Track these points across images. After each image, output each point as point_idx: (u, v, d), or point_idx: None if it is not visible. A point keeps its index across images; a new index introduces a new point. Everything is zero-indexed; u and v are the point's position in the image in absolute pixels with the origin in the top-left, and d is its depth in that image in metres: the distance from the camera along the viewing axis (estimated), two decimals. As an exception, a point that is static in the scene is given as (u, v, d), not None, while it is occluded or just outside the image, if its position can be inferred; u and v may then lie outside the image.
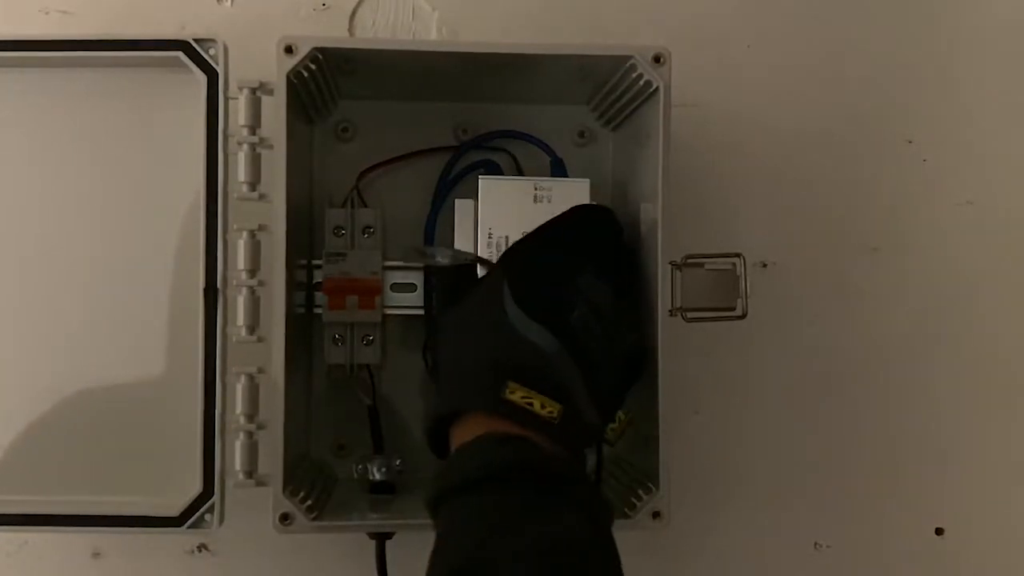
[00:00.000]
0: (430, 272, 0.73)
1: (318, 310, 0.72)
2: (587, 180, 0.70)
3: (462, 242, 0.70)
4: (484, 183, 0.70)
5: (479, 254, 0.69)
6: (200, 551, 0.78)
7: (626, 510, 0.65)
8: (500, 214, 0.69)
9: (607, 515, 0.56)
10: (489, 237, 0.69)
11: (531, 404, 0.56)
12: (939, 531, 0.82)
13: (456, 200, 0.71)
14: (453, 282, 0.70)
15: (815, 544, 0.82)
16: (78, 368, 0.69)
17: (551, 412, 0.56)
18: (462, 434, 0.58)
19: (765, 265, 0.81)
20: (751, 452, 0.81)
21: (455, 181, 0.76)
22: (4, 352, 0.69)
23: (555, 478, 0.55)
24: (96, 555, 0.77)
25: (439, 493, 0.55)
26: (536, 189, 0.69)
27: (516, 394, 0.56)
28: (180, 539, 0.77)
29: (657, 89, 0.64)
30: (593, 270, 0.63)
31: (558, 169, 0.74)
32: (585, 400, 0.59)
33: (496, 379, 0.57)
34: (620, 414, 0.69)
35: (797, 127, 0.82)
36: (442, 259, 0.70)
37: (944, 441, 0.82)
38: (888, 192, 0.83)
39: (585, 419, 0.59)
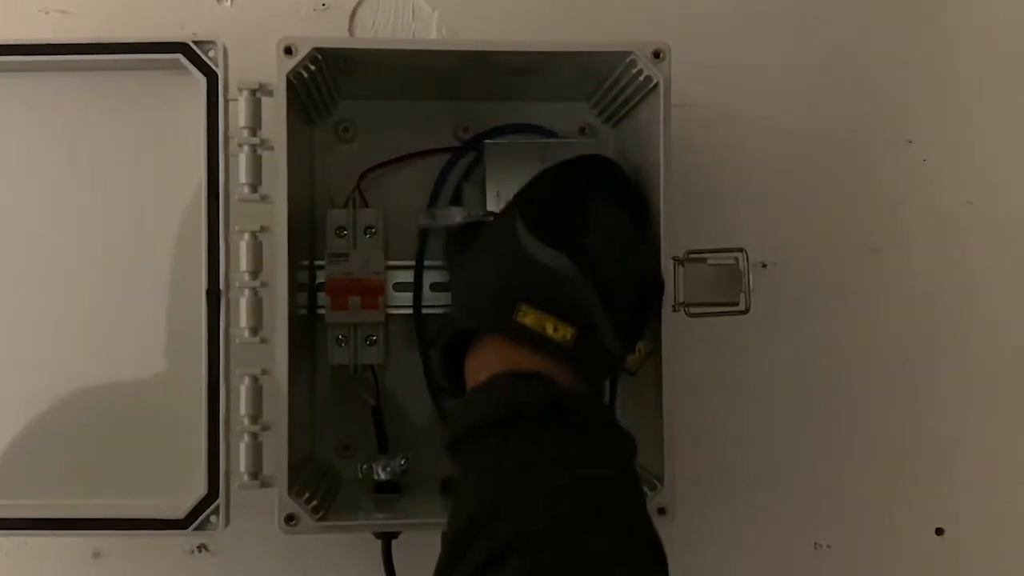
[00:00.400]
0: (426, 235, 0.74)
1: (321, 311, 0.72)
2: (597, 140, 0.72)
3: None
4: (490, 147, 0.71)
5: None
6: (200, 551, 0.78)
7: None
8: (508, 177, 0.69)
9: (627, 450, 0.56)
10: (497, 198, 0.70)
11: (544, 328, 0.56)
12: (939, 531, 0.83)
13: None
14: (466, 235, 0.70)
15: (815, 544, 0.82)
16: (80, 371, 0.68)
17: (564, 335, 0.56)
18: (476, 364, 0.58)
19: (765, 265, 0.81)
20: (751, 451, 0.81)
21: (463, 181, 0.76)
22: (6, 355, 0.69)
23: (572, 416, 0.54)
24: (96, 555, 0.77)
25: (455, 436, 0.56)
26: (543, 151, 0.70)
27: (528, 317, 0.57)
28: (180, 539, 0.77)
29: (657, 84, 0.64)
30: (606, 197, 0.64)
31: None
32: (603, 323, 0.59)
33: (509, 302, 0.57)
34: (640, 345, 0.68)
35: (797, 127, 0.82)
36: (458, 219, 0.71)
37: (944, 441, 0.83)
38: (888, 192, 0.83)
39: (603, 342, 0.58)
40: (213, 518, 0.64)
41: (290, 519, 0.62)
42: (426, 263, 0.74)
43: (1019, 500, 0.83)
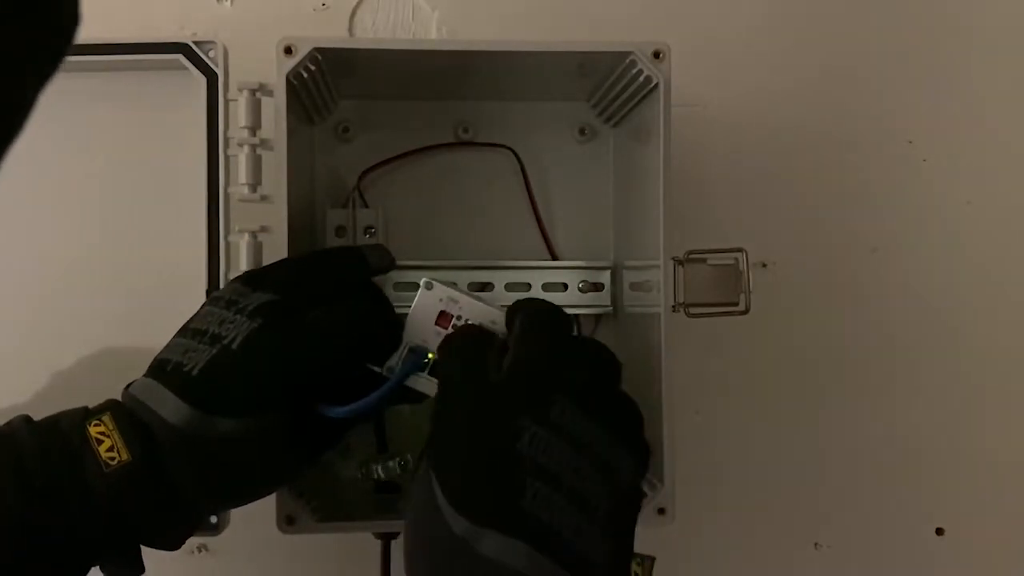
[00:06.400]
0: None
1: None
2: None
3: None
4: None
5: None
6: (200, 551, 0.78)
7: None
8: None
9: None
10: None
11: None
12: (939, 531, 0.83)
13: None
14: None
15: (815, 544, 0.82)
16: (79, 371, 0.69)
17: None
18: None
19: (765, 265, 0.81)
20: (751, 451, 0.81)
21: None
22: (3, 355, 0.69)
23: None
24: (96, 556, 0.77)
25: None
26: None
27: None
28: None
29: (657, 85, 0.64)
30: (544, 406, 0.47)
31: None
32: None
33: None
34: (634, 567, 0.60)
35: (797, 127, 0.82)
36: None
37: (944, 441, 0.83)
38: (888, 192, 0.83)
39: None
40: (213, 518, 0.64)
41: (290, 519, 0.62)
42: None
43: (1019, 500, 0.83)
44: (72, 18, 0.36)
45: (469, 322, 0.58)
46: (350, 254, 0.62)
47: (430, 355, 0.58)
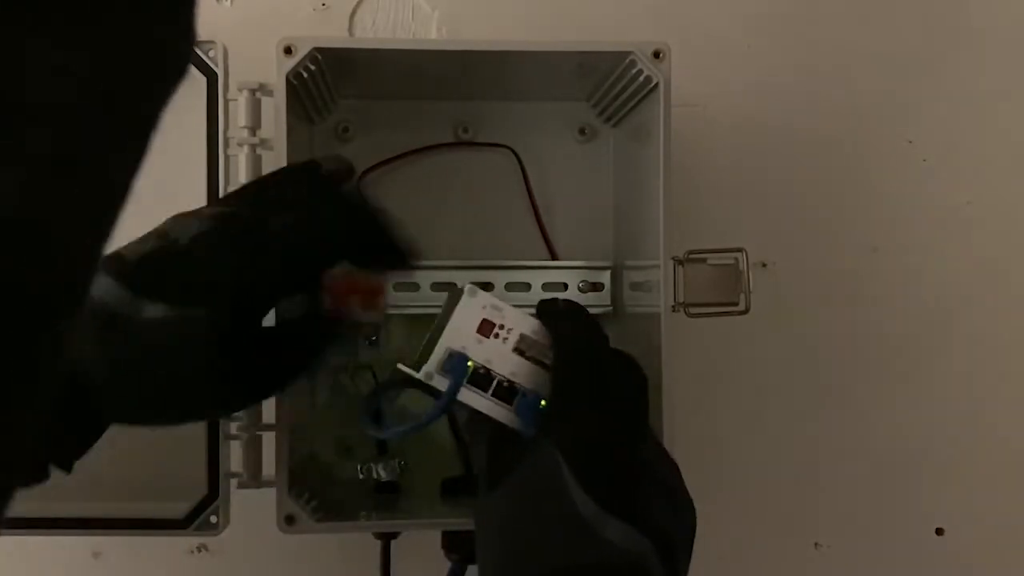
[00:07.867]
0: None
1: (320, 311, 0.71)
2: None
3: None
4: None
5: None
6: (200, 551, 0.78)
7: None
8: None
9: None
10: None
11: None
12: (939, 531, 0.83)
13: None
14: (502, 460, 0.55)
15: (815, 544, 0.82)
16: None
17: None
18: None
19: (765, 265, 0.81)
20: (751, 451, 0.81)
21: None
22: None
23: None
24: (96, 555, 0.77)
25: None
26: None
27: None
28: (180, 539, 0.77)
29: (657, 85, 0.64)
30: (650, 433, 0.56)
31: None
32: None
33: None
34: None
35: (797, 127, 0.82)
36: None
37: (944, 441, 0.83)
38: (888, 192, 0.83)
39: None
40: (213, 518, 0.64)
41: (290, 519, 0.62)
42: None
43: (1019, 500, 0.83)
44: (191, 38, 0.36)
45: (511, 331, 0.57)
46: (305, 163, 0.60)
47: (470, 363, 0.57)
